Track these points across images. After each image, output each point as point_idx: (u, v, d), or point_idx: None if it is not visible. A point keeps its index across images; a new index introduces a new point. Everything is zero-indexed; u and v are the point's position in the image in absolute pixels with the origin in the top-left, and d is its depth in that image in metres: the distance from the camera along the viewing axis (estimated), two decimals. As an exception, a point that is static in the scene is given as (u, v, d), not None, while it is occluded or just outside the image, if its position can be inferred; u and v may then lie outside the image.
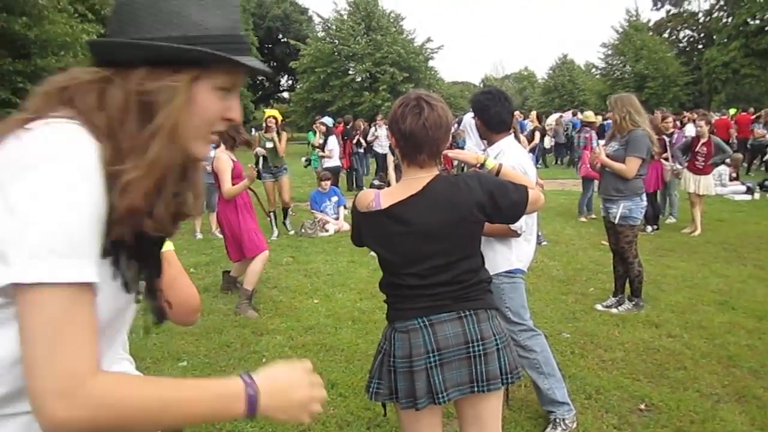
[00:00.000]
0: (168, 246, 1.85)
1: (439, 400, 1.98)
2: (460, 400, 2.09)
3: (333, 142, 11.48)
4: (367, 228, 2.13)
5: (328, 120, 12.25)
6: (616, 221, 5.01)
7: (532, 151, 12.21)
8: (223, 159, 5.46)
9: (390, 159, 9.32)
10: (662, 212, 9.44)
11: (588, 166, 8.77)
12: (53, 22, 14.70)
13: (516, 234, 3.00)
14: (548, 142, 20.04)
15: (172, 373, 4.09)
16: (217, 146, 5.66)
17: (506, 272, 3.14)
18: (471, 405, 2.12)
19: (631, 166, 4.85)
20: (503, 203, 2.07)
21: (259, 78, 54.75)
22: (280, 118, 9.02)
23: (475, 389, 2.02)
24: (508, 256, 3.13)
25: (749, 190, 12.12)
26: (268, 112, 9.24)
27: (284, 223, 9.28)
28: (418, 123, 2.02)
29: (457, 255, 2.05)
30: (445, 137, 2.09)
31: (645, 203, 5.07)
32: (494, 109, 3.23)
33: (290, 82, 54.25)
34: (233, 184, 5.40)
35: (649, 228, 8.68)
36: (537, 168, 14.92)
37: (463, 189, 2.05)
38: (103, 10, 21.91)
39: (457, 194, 2.04)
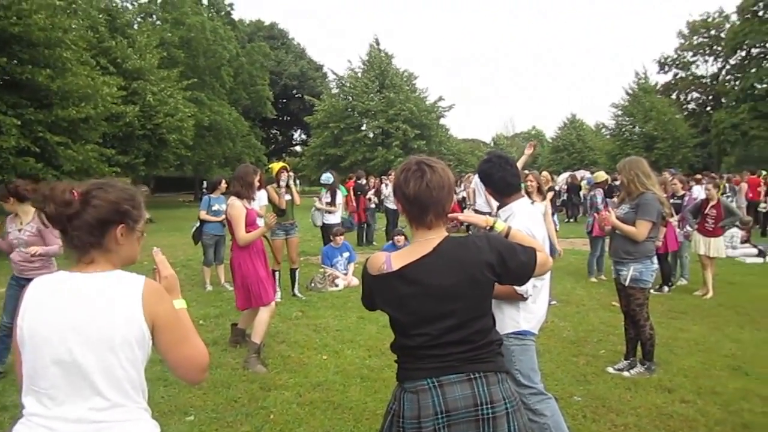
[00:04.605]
0: (181, 304, 1.89)
1: (448, 462, 1.97)
2: (468, 465, 2.07)
3: (339, 198, 11.44)
4: (378, 291, 2.15)
5: (328, 177, 11.37)
6: (627, 283, 5.00)
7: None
8: (237, 206, 5.41)
9: None
10: (673, 274, 9.39)
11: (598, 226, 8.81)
12: (75, 74, 15.15)
13: (522, 298, 3.03)
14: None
15: (179, 428, 4.07)
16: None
17: (516, 334, 3.15)
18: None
19: (641, 230, 4.87)
20: (512, 264, 2.11)
21: (273, 131, 56.03)
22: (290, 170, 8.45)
23: (484, 453, 2.00)
24: (516, 317, 3.15)
25: (761, 253, 12.03)
26: (277, 165, 8.40)
27: (294, 294, 8.45)
28: (422, 186, 2.07)
29: (468, 315, 2.07)
30: (448, 197, 2.14)
31: (656, 266, 5.06)
32: (498, 175, 3.29)
33: (303, 136, 55.28)
34: (247, 232, 5.36)
35: (666, 288, 8.69)
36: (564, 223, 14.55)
37: (472, 249, 2.09)
38: (125, 63, 22.64)
39: (467, 254, 2.07)
